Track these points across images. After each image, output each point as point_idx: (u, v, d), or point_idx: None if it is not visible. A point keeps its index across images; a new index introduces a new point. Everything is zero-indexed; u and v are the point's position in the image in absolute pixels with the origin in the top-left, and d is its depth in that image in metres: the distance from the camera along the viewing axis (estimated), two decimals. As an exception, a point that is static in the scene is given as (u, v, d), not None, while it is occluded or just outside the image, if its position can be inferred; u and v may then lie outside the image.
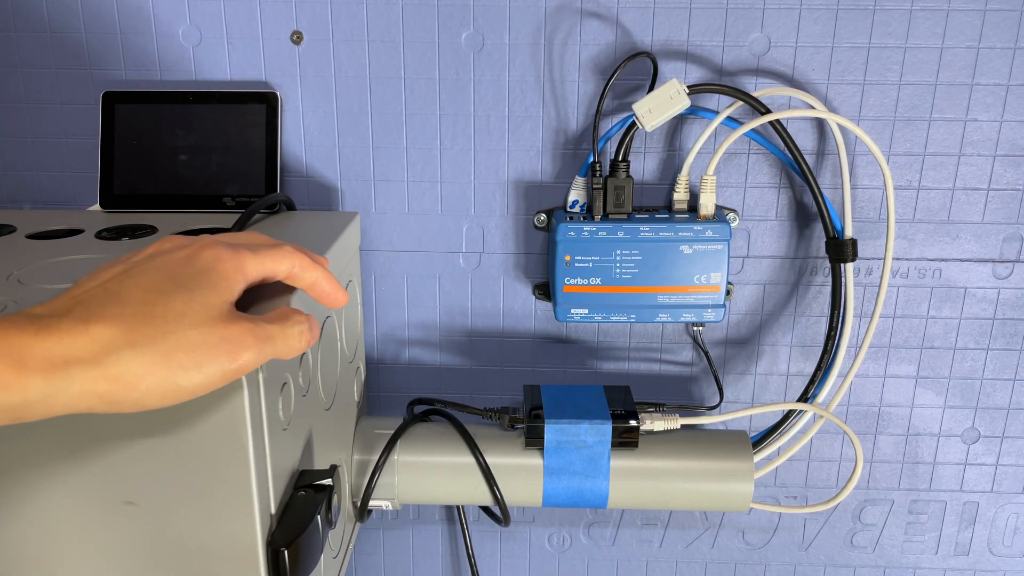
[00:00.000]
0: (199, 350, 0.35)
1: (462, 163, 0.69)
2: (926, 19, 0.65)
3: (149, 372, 0.34)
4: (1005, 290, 0.71)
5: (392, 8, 0.66)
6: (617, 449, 0.64)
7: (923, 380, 0.73)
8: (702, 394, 0.75)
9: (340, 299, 0.44)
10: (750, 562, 0.79)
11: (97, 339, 0.33)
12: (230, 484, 0.42)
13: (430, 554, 0.80)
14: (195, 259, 0.37)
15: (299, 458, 0.50)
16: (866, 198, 0.69)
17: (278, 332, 0.39)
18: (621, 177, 0.66)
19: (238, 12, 0.66)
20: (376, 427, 0.66)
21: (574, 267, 0.66)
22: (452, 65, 0.67)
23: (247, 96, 0.67)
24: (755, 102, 0.64)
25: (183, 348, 0.35)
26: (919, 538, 0.78)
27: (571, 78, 0.67)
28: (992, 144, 0.67)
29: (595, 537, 0.79)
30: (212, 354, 0.35)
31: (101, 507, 0.43)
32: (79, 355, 0.32)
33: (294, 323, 0.40)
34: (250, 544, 0.43)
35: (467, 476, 0.64)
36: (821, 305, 0.72)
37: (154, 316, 0.34)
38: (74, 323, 0.33)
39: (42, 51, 0.68)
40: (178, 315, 0.35)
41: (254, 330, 0.37)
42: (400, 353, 0.75)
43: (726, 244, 0.65)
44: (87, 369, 0.32)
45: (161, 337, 0.34)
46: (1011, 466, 0.75)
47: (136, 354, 0.33)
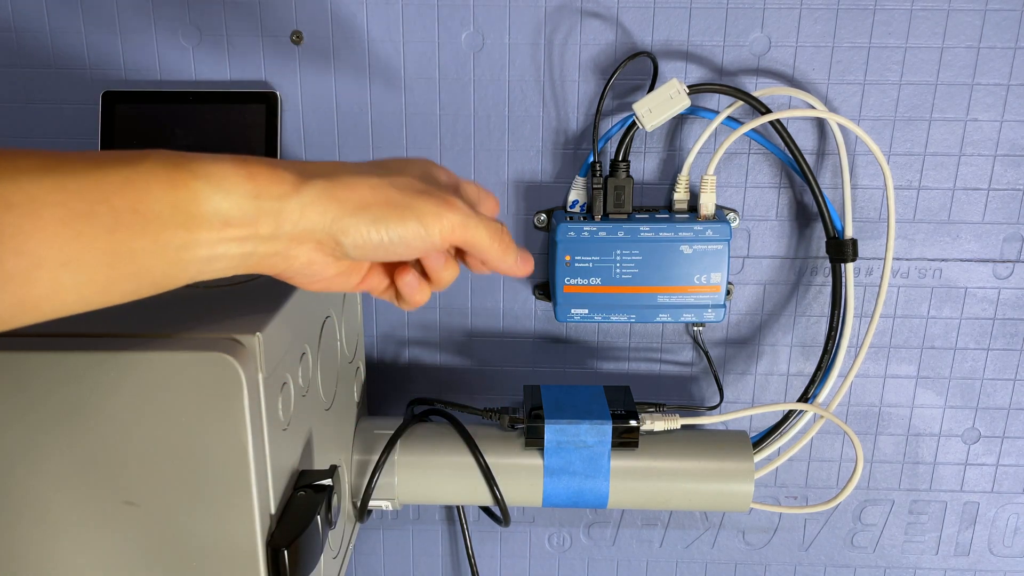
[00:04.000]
0: (416, 191, 0.41)
1: (462, 163, 0.69)
2: (926, 19, 0.65)
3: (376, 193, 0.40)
4: (1005, 290, 0.71)
5: (392, 8, 0.66)
6: (617, 449, 0.64)
7: (923, 380, 0.73)
8: (702, 394, 0.75)
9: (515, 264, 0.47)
10: (750, 562, 0.79)
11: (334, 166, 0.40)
12: (230, 484, 0.42)
13: (430, 554, 0.80)
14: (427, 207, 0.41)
15: (299, 458, 0.50)
16: (866, 198, 0.69)
17: (485, 218, 0.43)
18: (621, 177, 0.66)
19: (238, 12, 0.66)
20: (376, 427, 0.66)
21: (574, 267, 0.66)
22: (452, 65, 0.67)
23: (247, 96, 0.67)
24: (755, 102, 0.64)
25: (405, 185, 0.41)
26: (919, 538, 0.78)
27: (571, 78, 0.67)
28: (992, 144, 0.67)
29: (595, 537, 0.79)
30: (428, 197, 0.41)
31: (101, 507, 0.43)
32: (321, 171, 0.39)
33: (504, 229, 0.44)
34: (250, 544, 0.43)
35: (467, 476, 0.64)
36: (821, 305, 0.72)
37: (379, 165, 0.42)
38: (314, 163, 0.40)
39: (42, 51, 0.68)
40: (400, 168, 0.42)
41: (467, 204, 0.42)
42: (400, 353, 0.75)
43: (726, 244, 0.65)
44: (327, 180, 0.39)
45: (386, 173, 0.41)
46: (1011, 466, 0.75)
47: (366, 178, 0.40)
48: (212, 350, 0.40)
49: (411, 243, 0.41)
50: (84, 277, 0.34)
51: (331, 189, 0.39)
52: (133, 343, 0.41)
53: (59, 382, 0.41)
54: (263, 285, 0.50)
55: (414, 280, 0.45)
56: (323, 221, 0.39)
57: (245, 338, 0.42)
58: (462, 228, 0.42)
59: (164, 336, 0.43)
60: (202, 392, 0.41)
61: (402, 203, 0.40)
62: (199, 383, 0.41)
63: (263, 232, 0.37)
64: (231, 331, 0.42)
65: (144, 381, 0.41)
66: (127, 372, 0.41)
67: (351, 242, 0.39)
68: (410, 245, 0.41)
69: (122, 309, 0.46)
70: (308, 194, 0.38)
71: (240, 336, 0.42)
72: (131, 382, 0.41)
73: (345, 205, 0.39)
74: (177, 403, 0.41)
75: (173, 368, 0.41)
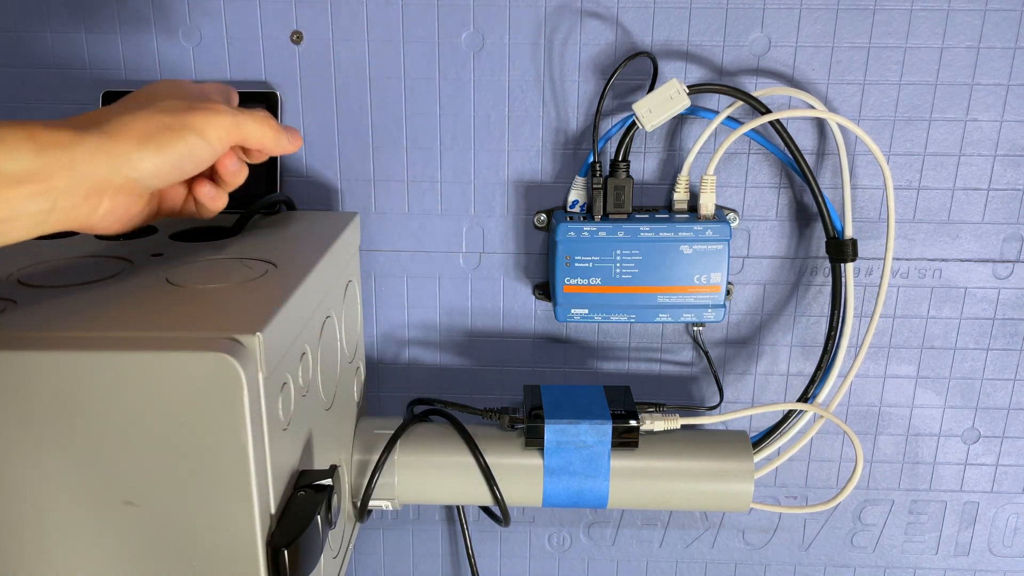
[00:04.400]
0: (183, 109, 0.45)
1: (462, 163, 0.69)
2: (926, 19, 0.65)
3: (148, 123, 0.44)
4: (1005, 290, 0.71)
5: (392, 8, 0.66)
6: (617, 449, 0.64)
7: (923, 380, 0.73)
8: (702, 394, 0.75)
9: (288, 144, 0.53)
10: (750, 562, 0.79)
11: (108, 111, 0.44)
12: (230, 484, 0.42)
13: (430, 554, 0.80)
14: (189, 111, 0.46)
15: (299, 458, 0.50)
16: (866, 198, 0.69)
17: (251, 113, 0.48)
18: (621, 177, 0.66)
19: (238, 12, 0.66)
20: (376, 427, 0.66)
21: (574, 267, 0.66)
22: (452, 65, 0.67)
23: (247, 96, 0.67)
24: (755, 102, 0.64)
25: (171, 108, 0.45)
26: (919, 538, 0.78)
27: (571, 78, 0.67)
28: (992, 144, 0.67)
29: (595, 537, 0.79)
30: (196, 112, 0.45)
31: (101, 507, 0.43)
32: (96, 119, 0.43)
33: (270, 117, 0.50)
34: (250, 544, 0.43)
35: (467, 476, 0.64)
36: (821, 305, 0.72)
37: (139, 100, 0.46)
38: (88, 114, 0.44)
39: (42, 51, 0.68)
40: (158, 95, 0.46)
41: (231, 107, 0.47)
42: (400, 353, 0.75)
43: (726, 244, 0.65)
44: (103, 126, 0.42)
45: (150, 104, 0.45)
46: (1011, 466, 0.75)
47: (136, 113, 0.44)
48: (212, 350, 0.40)
49: (199, 156, 0.45)
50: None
51: (110, 131, 0.42)
52: (133, 343, 0.41)
53: (59, 382, 0.41)
54: (263, 285, 0.50)
55: (211, 190, 0.51)
56: (114, 164, 0.42)
57: (245, 338, 0.42)
58: (235, 127, 0.47)
59: (164, 336, 0.43)
60: (202, 392, 0.41)
61: (176, 124, 0.44)
62: (199, 383, 0.41)
63: (59, 185, 0.40)
64: (231, 331, 0.42)
65: (144, 381, 0.41)
66: (127, 372, 0.41)
67: (147, 174, 0.43)
68: (198, 158, 0.46)
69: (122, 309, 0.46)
70: (91, 141, 0.41)
71: (240, 336, 0.42)
72: (131, 382, 0.41)
73: (128, 142, 0.43)
74: (177, 403, 0.41)
75: (173, 368, 0.41)
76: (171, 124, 0.44)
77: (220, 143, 0.46)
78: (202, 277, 0.51)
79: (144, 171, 0.43)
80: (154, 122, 0.44)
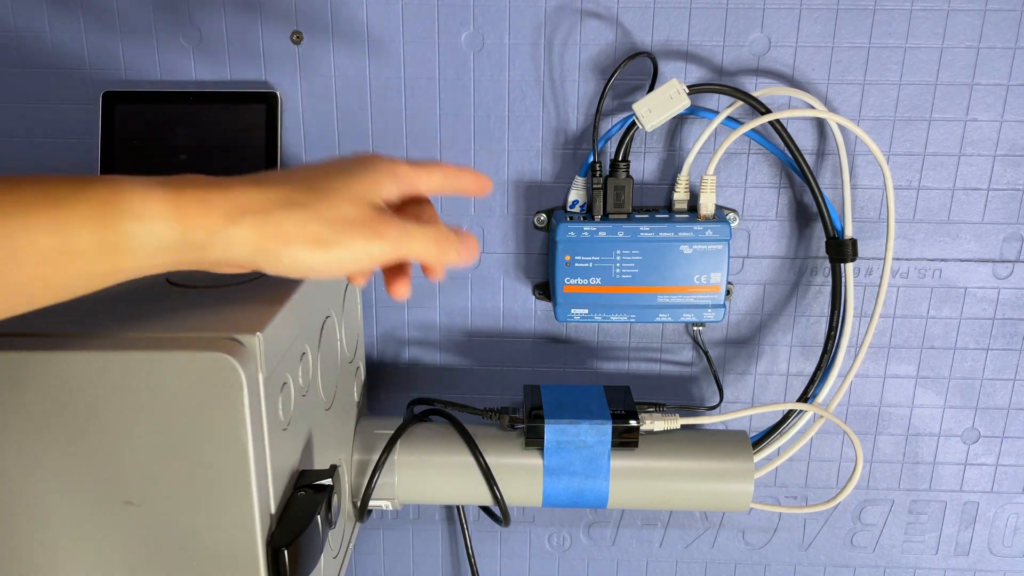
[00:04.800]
0: (346, 223, 0.41)
1: (462, 163, 0.69)
2: (926, 19, 0.65)
3: (303, 229, 0.40)
4: (1005, 290, 0.71)
5: (392, 8, 0.66)
6: (617, 449, 0.64)
7: (923, 380, 0.73)
8: (702, 394, 0.75)
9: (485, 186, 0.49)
10: (750, 562, 0.79)
11: (267, 196, 0.40)
12: (230, 484, 0.42)
13: (430, 554, 0.80)
14: (353, 158, 0.44)
15: (299, 458, 0.50)
16: (866, 198, 0.69)
17: (419, 232, 0.43)
18: (621, 177, 0.66)
19: (238, 12, 0.66)
20: (376, 427, 0.66)
21: (574, 267, 0.66)
22: (452, 65, 0.67)
23: (247, 96, 0.67)
24: (755, 102, 0.64)
25: (334, 218, 0.41)
26: (919, 538, 0.78)
27: (571, 78, 0.67)
28: (992, 144, 0.67)
29: (595, 537, 0.79)
30: (357, 230, 0.41)
31: (101, 507, 0.43)
32: (252, 206, 0.39)
33: (442, 231, 0.45)
34: (250, 544, 0.43)
35: (467, 476, 0.64)
36: (821, 305, 0.72)
37: (315, 188, 0.41)
38: (250, 184, 0.40)
39: (42, 51, 0.68)
40: (335, 190, 0.41)
41: (401, 224, 0.42)
42: (400, 353, 0.75)
43: (726, 244, 0.65)
44: (256, 217, 0.39)
45: (318, 201, 0.40)
46: (1011, 466, 0.75)
47: (296, 212, 0.40)
48: (212, 350, 0.40)
49: (339, 271, 0.41)
50: (7, 295, 0.36)
51: (260, 227, 0.39)
52: (133, 343, 0.41)
53: (59, 382, 0.41)
54: (263, 285, 0.50)
55: (364, 282, 0.48)
56: (254, 257, 0.40)
57: (245, 338, 0.42)
58: (393, 251, 0.42)
59: (164, 336, 0.43)
60: (202, 392, 0.41)
61: (330, 239, 0.40)
62: (199, 383, 0.41)
63: (187, 259, 0.39)
64: (231, 331, 0.42)
65: (144, 381, 0.41)
66: (127, 372, 0.41)
67: (272, 269, 0.41)
68: (338, 272, 0.42)
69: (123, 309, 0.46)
70: (236, 234, 0.39)
71: (240, 336, 0.42)
72: (131, 382, 0.41)
73: (271, 241, 0.40)
74: (177, 403, 0.41)
75: (173, 368, 0.41)
76: (325, 238, 0.40)
77: (371, 264, 0.43)
78: (202, 277, 0.51)
79: (272, 267, 0.41)
80: (309, 230, 0.40)
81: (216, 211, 0.38)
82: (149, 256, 0.38)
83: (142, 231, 0.37)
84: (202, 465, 0.42)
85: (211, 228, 0.38)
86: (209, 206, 0.38)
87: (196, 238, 0.38)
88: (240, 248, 0.39)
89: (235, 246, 0.39)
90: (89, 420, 0.41)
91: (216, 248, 0.39)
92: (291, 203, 0.40)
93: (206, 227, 0.38)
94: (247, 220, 0.39)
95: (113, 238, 0.37)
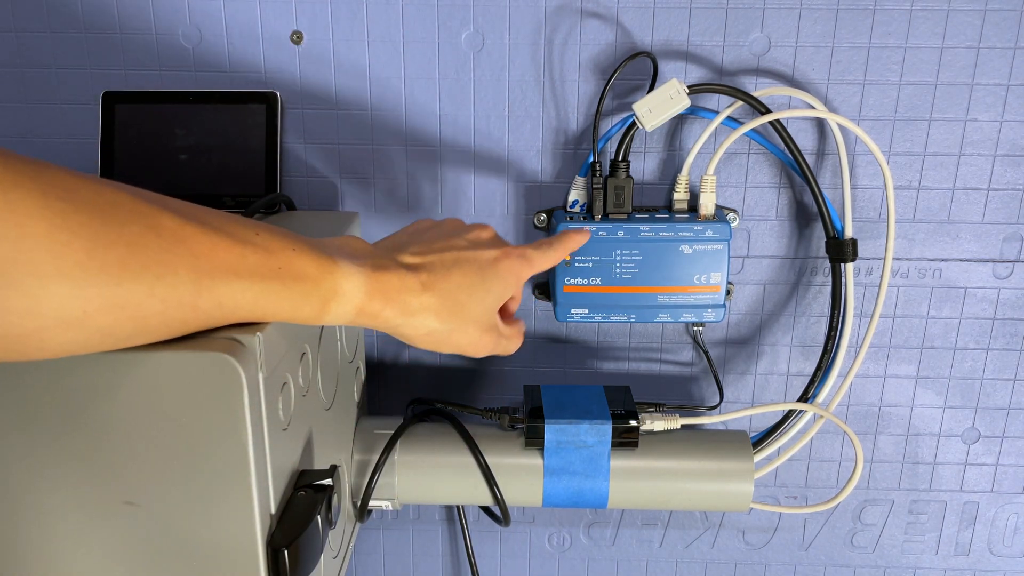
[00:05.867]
0: (471, 344, 0.51)
1: (462, 163, 0.69)
2: (926, 19, 0.65)
3: (435, 333, 0.49)
4: (1005, 290, 0.71)
5: (392, 8, 0.66)
6: (617, 449, 0.64)
7: (923, 380, 0.73)
8: (702, 394, 0.75)
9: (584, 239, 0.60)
10: (750, 562, 0.79)
11: (424, 302, 0.48)
12: (230, 484, 0.42)
13: (430, 554, 0.80)
14: (499, 265, 0.51)
15: (299, 458, 0.50)
16: (866, 198, 0.69)
17: (511, 340, 0.56)
18: (621, 177, 0.66)
19: (238, 12, 0.67)
20: (376, 427, 0.66)
21: (574, 267, 0.66)
22: (452, 65, 0.67)
23: (247, 96, 0.67)
24: (755, 102, 0.64)
25: (463, 341, 0.51)
26: (919, 538, 0.78)
27: (571, 78, 0.67)
28: (992, 144, 0.67)
29: (595, 537, 0.79)
30: (472, 349, 0.52)
31: (101, 507, 0.43)
32: (410, 306, 0.47)
33: (520, 336, 0.57)
34: (250, 544, 0.43)
35: (467, 476, 0.64)
36: (821, 305, 0.72)
37: (459, 307, 0.49)
38: (420, 285, 0.47)
39: (42, 51, 0.68)
40: (474, 320, 0.50)
41: (499, 340, 0.54)
42: (400, 353, 0.75)
43: (726, 244, 0.65)
44: (406, 313, 0.47)
45: (455, 320, 0.49)
46: (1011, 466, 0.75)
47: (435, 321, 0.48)
48: (212, 350, 0.40)
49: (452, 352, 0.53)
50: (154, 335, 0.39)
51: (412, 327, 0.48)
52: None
53: (59, 382, 0.41)
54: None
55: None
56: (391, 328, 0.48)
57: (245, 338, 0.42)
58: (490, 353, 0.54)
59: (164, 336, 0.42)
60: (202, 392, 0.41)
61: (451, 346, 0.51)
62: (199, 383, 0.41)
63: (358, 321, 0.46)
64: (231, 331, 0.42)
65: (144, 381, 0.41)
66: (127, 372, 0.41)
67: (405, 341, 0.50)
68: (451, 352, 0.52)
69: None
70: (396, 323, 0.47)
71: (240, 336, 0.42)
72: (131, 382, 0.41)
73: (412, 332, 0.48)
74: (177, 403, 0.41)
75: (173, 368, 0.41)
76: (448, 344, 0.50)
77: (477, 357, 0.54)
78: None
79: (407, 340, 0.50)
80: (441, 339, 0.49)
81: (396, 307, 0.46)
82: (327, 321, 0.44)
83: (339, 310, 0.44)
84: (202, 465, 0.42)
85: (388, 318, 0.46)
86: (392, 303, 0.46)
87: (368, 320, 0.46)
88: (389, 325, 0.47)
89: (389, 328, 0.48)
90: (89, 420, 0.41)
91: (376, 323, 0.47)
92: (435, 315, 0.48)
93: (383, 316, 0.46)
94: (411, 320, 0.47)
95: (312, 315, 0.43)
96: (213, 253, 0.38)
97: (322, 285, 0.42)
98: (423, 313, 0.48)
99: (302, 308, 0.42)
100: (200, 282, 0.37)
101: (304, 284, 0.42)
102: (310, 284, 0.42)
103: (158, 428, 0.42)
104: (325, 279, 0.43)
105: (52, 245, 0.32)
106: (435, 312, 0.48)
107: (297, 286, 0.41)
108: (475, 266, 0.50)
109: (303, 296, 0.42)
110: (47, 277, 0.32)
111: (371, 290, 0.45)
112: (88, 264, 0.33)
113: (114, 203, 0.35)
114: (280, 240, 0.41)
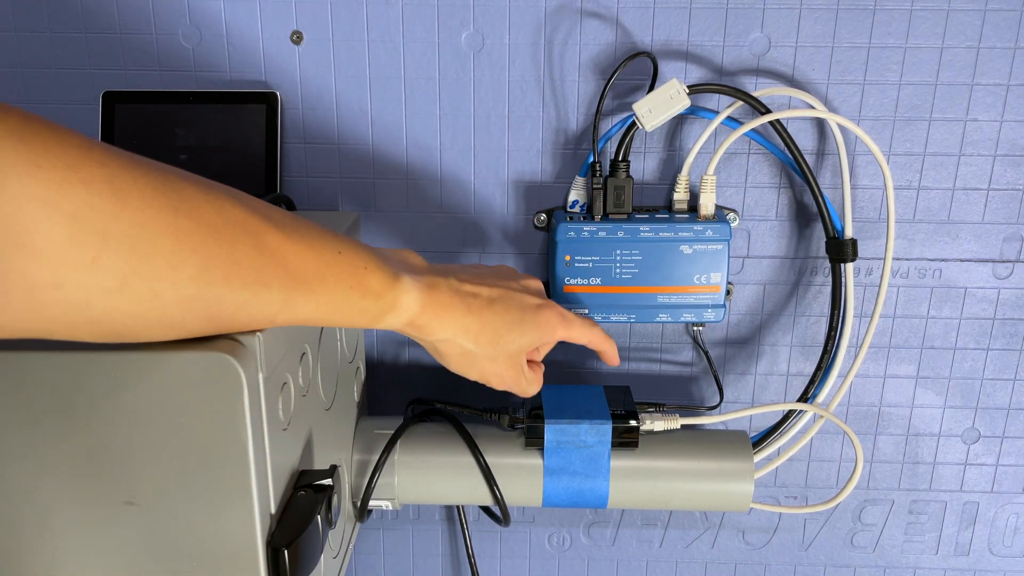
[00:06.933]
0: (496, 376, 0.55)
1: (462, 163, 0.69)
2: (926, 19, 0.65)
3: (468, 356, 0.53)
4: (1005, 290, 0.71)
5: (392, 8, 0.66)
6: (617, 449, 0.64)
7: (923, 380, 0.73)
8: (702, 394, 0.75)
9: (615, 361, 0.63)
10: (750, 562, 0.79)
11: (467, 324, 0.51)
12: (230, 484, 0.42)
13: (430, 554, 0.80)
14: (540, 313, 0.55)
15: (299, 458, 0.50)
16: (866, 198, 0.69)
17: (531, 384, 0.58)
18: (621, 177, 0.66)
19: (238, 12, 0.67)
20: (376, 427, 0.66)
21: (574, 267, 0.66)
22: (452, 65, 0.67)
23: (247, 96, 0.67)
24: (755, 102, 0.64)
25: (490, 371, 0.54)
26: (919, 538, 0.78)
27: (571, 78, 0.67)
28: (992, 144, 0.67)
29: (595, 537, 0.79)
30: (497, 381, 0.56)
31: (101, 507, 0.43)
32: (454, 325, 0.51)
33: (540, 382, 0.60)
34: (250, 544, 0.43)
35: (467, 476, 0.64)
36: (821, 305, 0.72)
37: (497, 337, 0.53)
38: (466, 307, 0.51)
39: (42, 51, 0.68)
40: (507, 349, 0.53)
41: (520, 379, 0.57)
42: (400, 353, 0.75)
43: (726, 244, 0.65)
44: (449, 331, 0.51)
45: (490, 348, 0.53)
46: (1011, 466, 0.75)
47: (472, 344, 0.52)
48: (212, 350, 0.40)
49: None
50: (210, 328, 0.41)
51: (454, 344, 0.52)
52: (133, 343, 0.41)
53: (59, 382, 0.41)
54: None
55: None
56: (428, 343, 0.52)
57: (245, 338, 0.42)
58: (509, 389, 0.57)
59: (164, 336, 0.42)
60: (202, 392, 0.41)
61: (475, 374, 0.54)
62: (199, 383, 0.41)
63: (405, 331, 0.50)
64: (231, 331, 0.42)
65: (144, 381, 0.41)
66: (127, 372, 0.41)
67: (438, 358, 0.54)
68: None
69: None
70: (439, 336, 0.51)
71: (240, 336, 0.42)
72: (131, 382, 0.41)
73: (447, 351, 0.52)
74: (177, 403, 0.41)
75: (173, 368, 0.41)
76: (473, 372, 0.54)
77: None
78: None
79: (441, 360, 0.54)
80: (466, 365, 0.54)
81: (441, 324, 0.50)
82: (376, 327, 0.47)
83: (392, 321, 0.47)
84: (202, 465, 0.42)
85: (433, 331, 0.50)
86: (439, 319, 0.49)
87: (414, 331, 0.49)
88: (431, 340, 0.51)
89: (430, 342, 0.51)
90: (89, 420, 0.41)
91: (420, 334, 0.50)
92: (472, 341, 0.52)
93: (428, 330, 0.50)
94: (452, 338, 0.51)
95: (367, 323, 0.46)
96: (304, 270, 0.41)
97: (384, 298, 0.46)
98: (464, 335, 0.51)
99: (359, 318, 0.45)
100: (287, 297, 0.41)
101: (369, 300, 0.45)
102: (374, 299, 0.45)
103: (158, 428, 0.42)
104: (388, 293, 0.46)
105: (172, 259, 0.36)
106: (474, 336, 0.51)
107: (362, 301, 0.45)
108: (518, 306, 0.54)
109: (364, 310, 0.45)
110: (160, 285, 0.36)
111: (424, 305, 0.48)
112: (198, 277, 0.37)
113: (229, 221, 0.38)
114: (356, 258, 0.44)
